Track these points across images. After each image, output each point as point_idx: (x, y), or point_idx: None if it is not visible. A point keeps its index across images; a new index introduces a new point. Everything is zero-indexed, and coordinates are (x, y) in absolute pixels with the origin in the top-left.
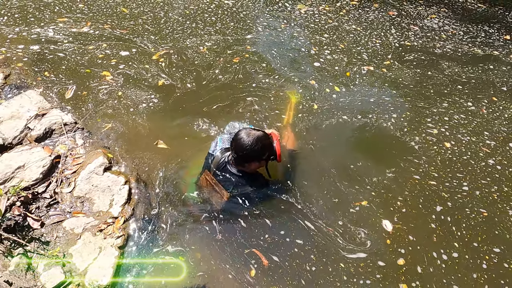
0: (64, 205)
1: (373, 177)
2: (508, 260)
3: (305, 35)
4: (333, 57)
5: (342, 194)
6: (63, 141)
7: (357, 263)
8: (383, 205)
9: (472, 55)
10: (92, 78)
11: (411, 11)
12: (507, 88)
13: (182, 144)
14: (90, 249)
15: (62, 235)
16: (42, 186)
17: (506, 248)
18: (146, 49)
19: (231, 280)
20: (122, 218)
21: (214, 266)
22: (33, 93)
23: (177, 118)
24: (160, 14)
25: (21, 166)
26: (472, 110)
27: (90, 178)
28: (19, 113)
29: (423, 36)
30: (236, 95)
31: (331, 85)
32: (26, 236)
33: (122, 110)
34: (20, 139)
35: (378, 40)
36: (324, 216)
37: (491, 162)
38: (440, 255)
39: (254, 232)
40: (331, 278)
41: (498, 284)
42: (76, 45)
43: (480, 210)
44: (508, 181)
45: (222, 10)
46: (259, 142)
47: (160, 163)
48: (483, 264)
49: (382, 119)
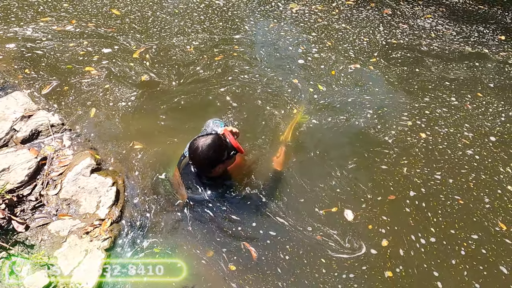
0: (49, 207)
1: (345, 167)
2: (486, 246)
3: (295, 34)
4: (321, 55)
5: (314, 188)
6: (49, 142)
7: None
8: (352, 193)
9: (460, 53)
10: (74, 74)
11: (407, 10)
12: (494, 84)
13: (170, 143)
14: (76, 252)
15: (47, 238)
16: (27, 188)
17: (483, 235)
18: (129, 46)
19: (221, 281)
20: (109, 220)
21: (202, 267)
22: (19, 94)
23: (163, 116)
24: (148, 13)
25: (6, 169)
26: (455, 105)
27: (77, 179)
28: (5, 114)
29: (411, 33)
30: (217, 91)
31: (314, 84)
32: (10, 239)
33: (107, 107)
34: (6, 141)
35: (366, 38)
36: (299, 208)
37: (470, 152)
38: (418, 239)
39: (232, 229)
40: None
41: (477, 270)
42: (60, 43)
43: (455, 197)
44: (486, 170)
45: (212, 9)
46: (211, 148)
47: (149, 164)
48: (461, 250)
49: (356, 116)
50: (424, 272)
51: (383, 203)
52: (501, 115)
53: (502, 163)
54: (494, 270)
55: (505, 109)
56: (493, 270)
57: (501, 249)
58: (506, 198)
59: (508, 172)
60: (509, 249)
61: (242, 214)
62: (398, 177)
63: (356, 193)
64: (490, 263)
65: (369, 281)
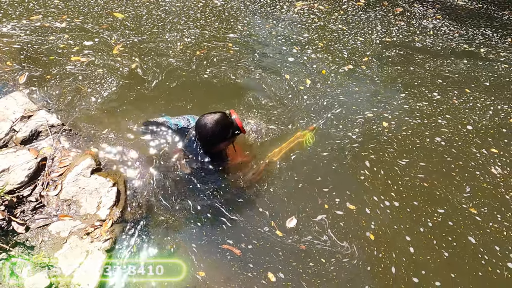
0: (50, 208)
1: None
2: (454, 219)
3: (298, 33)
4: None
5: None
6: (49, 143)
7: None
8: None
9: (460, 51)
10: (54, 65)
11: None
12: (489, 83)
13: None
14: (77, 253)
15: (47, 239)
16: (27, 189)
17: (449, 208)
18: (108, 41)
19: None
20: (110, 221)
21: (203, 267)
22: (18, 95)
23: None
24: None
25: (6, 169)
26: (438, 99)
27: (77, 180)
28: (4, 115)
29: (405, 31)
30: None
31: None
32: (10, 240)
33: (107, 106)
34: (5, 141)
35: (361, 38)
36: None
37: (438, 139)
38: (381, 200)
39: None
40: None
41: (446, 240)
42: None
43: (419, 176)
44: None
45: (210, 8)
46: (218, 124)
47: (150, 163)
48: (428, 222)
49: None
50: (396, 233)
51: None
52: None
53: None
54: (462, 240)
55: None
56: (462, 240)
57: (468, 222)
58: (475, 178)
59: (477, 155)
60: (476, 222)
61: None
62: (354, 155)
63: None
64: (458, 234)
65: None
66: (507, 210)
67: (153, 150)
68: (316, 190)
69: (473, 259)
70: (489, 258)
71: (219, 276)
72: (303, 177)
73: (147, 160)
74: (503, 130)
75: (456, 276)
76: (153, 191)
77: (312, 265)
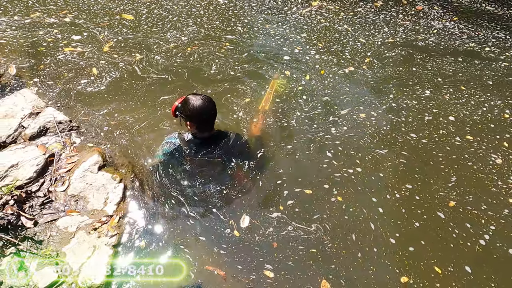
0: (58, 203)
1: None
2: (421, 195)
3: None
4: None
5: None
6: (57, 139)
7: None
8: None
9: (465, 51)
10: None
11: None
12: (492, 82)
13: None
14: (84, 248)
15: (55, 234)
16: (35, 184)
17: (418, 187)
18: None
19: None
20: (117, 217)
21: (212, 264)
22: (27, 92)
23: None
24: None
25: (15, 165)
26: (428, 96)
27: (85, 176)
28: (13, 111)
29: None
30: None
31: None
32: (19, 235)
33: (114, 103)
34: (14, 137)
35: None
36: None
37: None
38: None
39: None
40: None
41: (416, 214)
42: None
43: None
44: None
45: (213, 6)
46: (208, 98)
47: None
48: (395, 194)
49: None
50: (362, 193)
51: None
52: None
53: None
54: (432, 214)
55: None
56: (431, 214)
57: (437, 198)
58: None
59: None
60: (443, 198)
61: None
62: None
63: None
64: (427, 209)
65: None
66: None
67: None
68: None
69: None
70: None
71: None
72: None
73: (154, 157)
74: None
75: (425, 243)
76: (160, 188)
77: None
